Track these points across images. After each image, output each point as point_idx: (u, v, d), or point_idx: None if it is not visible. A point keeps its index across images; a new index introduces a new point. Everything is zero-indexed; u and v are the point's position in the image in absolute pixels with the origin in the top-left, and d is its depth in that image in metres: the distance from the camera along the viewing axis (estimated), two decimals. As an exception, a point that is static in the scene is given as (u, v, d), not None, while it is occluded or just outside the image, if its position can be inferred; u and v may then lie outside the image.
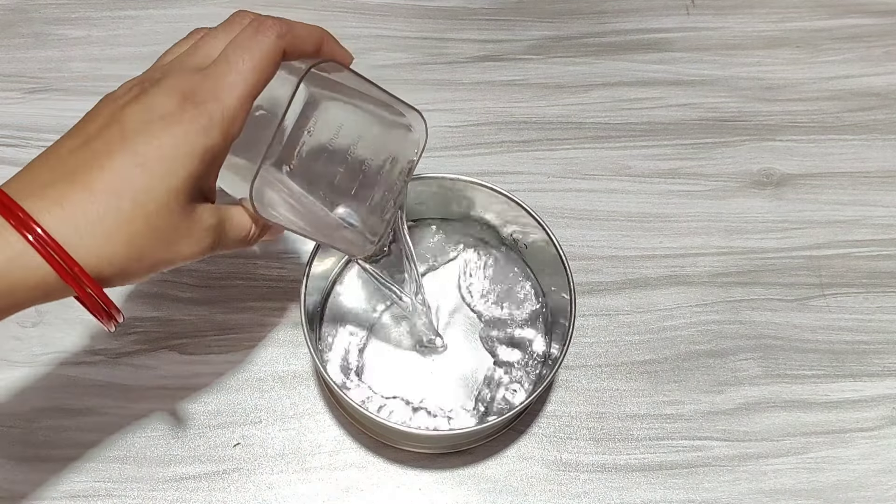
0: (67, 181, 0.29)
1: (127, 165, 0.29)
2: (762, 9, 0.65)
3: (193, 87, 0.31)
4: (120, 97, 0.32)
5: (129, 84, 0.33)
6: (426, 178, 0.46)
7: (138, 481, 0.45)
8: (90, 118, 0.32)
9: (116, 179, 0.29)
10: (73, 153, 0.30)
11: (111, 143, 0.30)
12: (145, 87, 0.31)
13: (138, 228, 0.30)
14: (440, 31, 0.62)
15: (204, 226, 0.33)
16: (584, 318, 0.51)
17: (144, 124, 0.30)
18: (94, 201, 0.29)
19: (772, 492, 0.46)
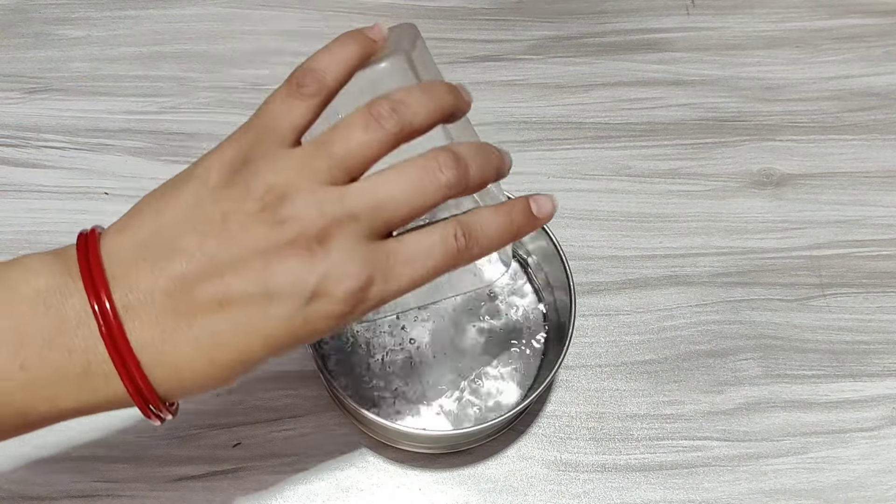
0: (179, 351, 0.27)
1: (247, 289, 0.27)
2: (762, 9, 0.65)
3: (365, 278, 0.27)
4: (233, 216, 0.27)
5: (250, 194, 0.27)
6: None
7: (138, 481, 0.45)
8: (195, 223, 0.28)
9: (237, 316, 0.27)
10: (172, 296, 0.27)
11: (209, 314, 0.27)
12: (268, 241, 0.27)
13: (238, 356, 0.28)
14: (440, 31, 0.62)
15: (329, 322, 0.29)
16: (584, 318, 0.51)
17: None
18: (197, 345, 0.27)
19: (772, 492, 0.46)
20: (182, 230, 0.27)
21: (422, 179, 0.28)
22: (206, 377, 0.28)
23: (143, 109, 0.57)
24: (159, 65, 0.59)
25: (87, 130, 0.56)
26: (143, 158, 0.55)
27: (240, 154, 0.28)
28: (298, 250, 0.26)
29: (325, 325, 0.28)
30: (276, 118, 0.29)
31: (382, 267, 0.28)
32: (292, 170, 0.27)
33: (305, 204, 0.27)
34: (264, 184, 0.27)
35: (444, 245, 0.29)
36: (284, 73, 0.62)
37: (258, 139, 0.28)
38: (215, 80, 0.59)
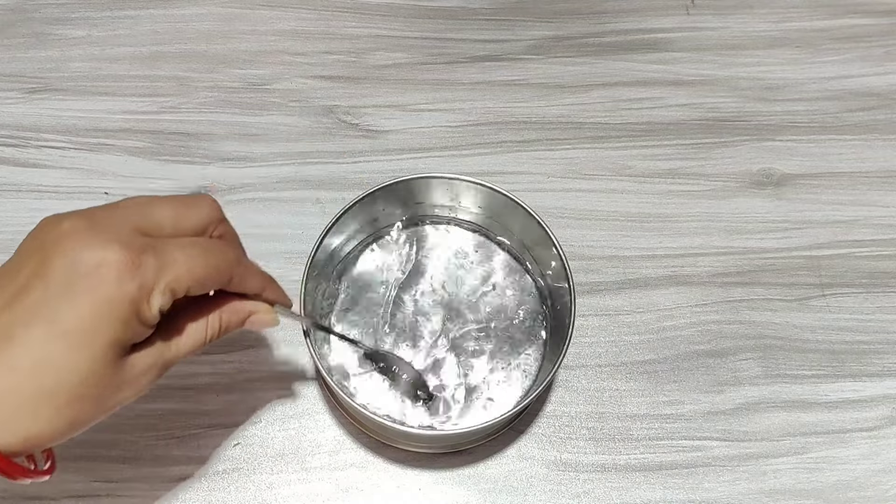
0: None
1: (47, 338, 0.28)
2: (762, 9, 0.65)
3: (131, 251, 0.29)
4: (56, 228, 0.30)
5: (74, 216, 0.31)
6: (426, 178, 0.46)
7: (138, 481, 0.45)
8: (23, 259, 0.30)
9: (36, 354, 0.28)
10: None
11: (34, 308, 0.29)
12: (79, 231, 0.30)
13: (63, 401, 0.29)
14: (440, 31, 0.62)
15: (140, 370, 0.31)
16: (584, 318, 0.51)
17: (67, 284, 0.29)
18: (16, 382, 0.28)
19: (772, 492, 0.46)
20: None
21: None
22: (38, 411, 0.29)
23: (143, 109, 0.57)
24: (159, 65, 0.59)
25: (87, 130, 0.56)
26: (143, 158, 0.55)
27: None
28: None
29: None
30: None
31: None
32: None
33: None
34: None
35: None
36: (284, 72, 0.63)
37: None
38: (215, 80, 0.59)
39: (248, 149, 0.56)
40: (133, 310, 0.30)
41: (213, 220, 0.34)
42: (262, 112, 0.58)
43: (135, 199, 0.33)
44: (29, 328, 0.28)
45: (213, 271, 0.32)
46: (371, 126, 0.58)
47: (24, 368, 0.28)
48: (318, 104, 0.58)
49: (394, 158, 0.56)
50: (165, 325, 0.33)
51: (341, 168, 0.56)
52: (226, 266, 0.33)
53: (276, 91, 0.59)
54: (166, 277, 0.30)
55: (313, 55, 0.61)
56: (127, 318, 0.29)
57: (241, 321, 0.36)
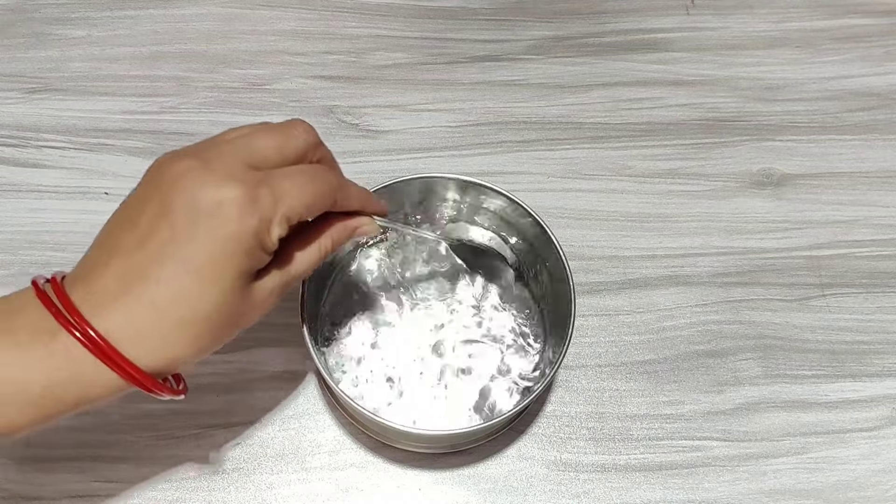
0: (132, 295, 0.30)
1: (179, 275, 0.30)
2: (762, 9, 0.65)
3: (248, 186, 0.31)
4: (171, 169, 0.32)
5: (185, 156, 0.32)
6: (427, 178, 0.46)
7: (138, 481, 0.45)
8: (144, 200, 0.32)
9: (171, 291, 0.30)
10: (129, 256, 0.31)
11: (164, 247, 0.31)
12: (195, 170, 0.31)
13: (200, 330, 0.31)
14: (440, 31, 0.62)
15: (266, 293, 0.34)
16: (584, 318, 0.51)
17: (192, 223, 0.30)
18: (157, 315, 0.30)
19: (772, 492, 0.46)
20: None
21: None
22: (179, 338, 0.31)
23: (143, 109, 0.57)
24: (159, 65, 0.59)
25: (87, 130, 0.56)
26: (143, 158, 0.55)
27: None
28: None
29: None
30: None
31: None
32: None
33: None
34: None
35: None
36: (284, 72, 0.63)
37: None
38: (215, 80, 0.59)
39: (248, 149, 0.56)
40: (256, 242, 0.31)
41: (310, 145, 0.35)
42: (262, 112, 0.58)
43: (238, 132, 0.35)
44: (163, 266, 0.30)
45: (320, 197, 0.34)
46: (371, 126, 0.58)
47: (164, 303, 0.30)
48: (318, 104, 0.58)
49: (394, 158, 0.56)
50: (281, 249, 0.34)
51: (341, 168, 0.55)
52: (330, 190, 0.35)
53: (276, 91, 0.59)
54: (282, 208, 0.32)
55: (313, 55, 0.61)
56: (250, 250, 0.31)
57: (350, 235, 0.38)
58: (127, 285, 0.30)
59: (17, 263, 0.51)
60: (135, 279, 0.30)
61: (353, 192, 0.37)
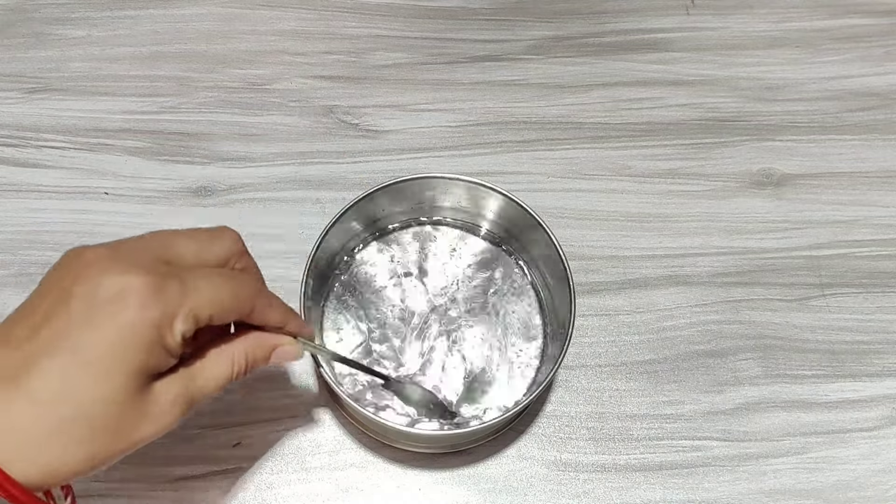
0: (11, 387, 0.28)
1: (68, 366, 0.28)
2: (762, 9, 0.65)
3: (154, 276, 0.29)
4: (78, 259, 0.30)
5: (97, 246, 0.31)
6: (427, 178, 0.46)
7: (138, 481, 0.45)
8: (45, 291, 0.30)
9: (57, 385, 0.28)
10: (19, 347, 0.29)
11: (56, 335, 0.28)
12: (102, 260, 0.30)
13: (85, 433, 0.28)
14: (440, 31, 0.62)
15: (166, 400, 0.31)
16: (584, 318, 0.51)
17: (90, 311, 0.28)
18: (36, 414, 0.28)
19: (772, 492, 0.46)
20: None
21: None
22: (61, 442, 0.28)
23: (143, 109, 0.57)
24: (159, 65, 0.59)
25: (87, 130, 0.56)
26: (143, 158, 0.55)
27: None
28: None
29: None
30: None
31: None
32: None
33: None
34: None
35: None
36: (284, 72, 0.63)
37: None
38: (215, 80, 0.59)
39: (248, 149, 0.56)
40: (156, 335, 0.29)
41: (234, 252, 0.34)
42: (262, 112, 0.58)
43: (158, 232, 0.33)
44: (51, 358, 0.28)
45: (235, 300, 0.32)
46: (371, 126, 0.58)
47: (45, 400, 0.28)
48: (318, 104, 0.58)
49: (394, 158, 0.56)
50: (190, 360, 0.32)
51: (341, 168, 0.56)
52: (247, 296, 0.33)
53: (276, 91, 0.59)
54: (189, 303, 0.30)
55: (313, 55, 0.61)
56: (150, 344, 0.29)
57: (267, 355, 0.35)
58: (9, 378, 0.28)
59: (17, 263, 0.51)
60: (18, 372, 0.28)
61: (275, 304, 0.35)
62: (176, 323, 0.30)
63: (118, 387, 0.29)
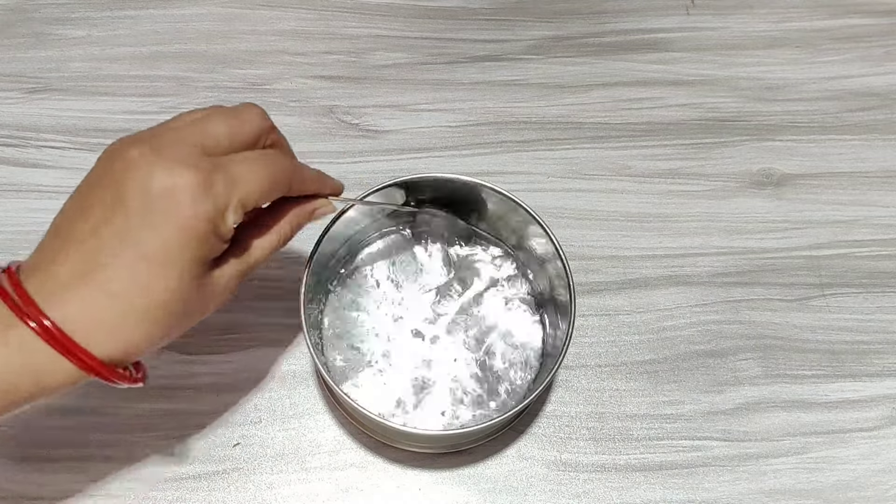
0: (85, 283, 0.30)
1: (134, 262, 0.30)
2: (762, 9, 0.65)
3: (202, 172, 0.31)
4: (122, 156, 0.32)
5: (136, 142, 0.32)
6: (427, 178, 0.46)
7: (138, 481, 0.45)
8: (96, 187, 0.32)
9: (127, 278, 0.30)
10: (84, 243, 0.31)
11: (118, 235, 0.30)
12: (146, 157, 0.31)
13: (156, 318, 0.31)
14: (440, 31, 0.62)
15: (224, 281, 0.34)
16: (584, 318, 0.51)
17: (146, 211, 0.30)
18: (113, 304, 0.30)
19: (772, 492, 0.46)
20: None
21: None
22: (135, 326, 0.31)
23: (143, 109, 0.57)
24: (159, 65, 0.59)
25: (87, 130, 0.56)
26: (143, 158, 0.55)
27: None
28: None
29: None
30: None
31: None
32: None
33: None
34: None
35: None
36: (284, 72, 0.63)
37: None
38: (215, 80, 0.59)
39: (248, 149, 0.56)
40: (210, 228, 0.31)
41: (263, 129, 0.35)
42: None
43: (190, 116, 0.34)
44: (117, 255, 0.30)
45: (276, 182, 0.34)
46: (371, 126, 0.58)
47: (119, 290, 0.30)
48: (318, 104, 0.58)
49: (394, 158, 0.56)
50: (238, 236, 0.34)
51: (341, 168, 0.56)
52: (285, 175, 0.35)
53: (276, 91, 0.59)
54: (237, 194, 0.32)
55: (313, 55, 0.61)
56: (205, 236, 0.31)
57: (308, 218, 0.38)
58: (82, 273, 0.30)
59: (17, 263, 0.51)
60: (90, 267, 0.30)
61: (308, 175, 0.37)
62: (227, 214, 0.32)
63: (181, 276, 0.31)
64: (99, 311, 0.30)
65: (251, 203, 0.33)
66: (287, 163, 0.36)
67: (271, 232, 0.36)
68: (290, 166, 0.36)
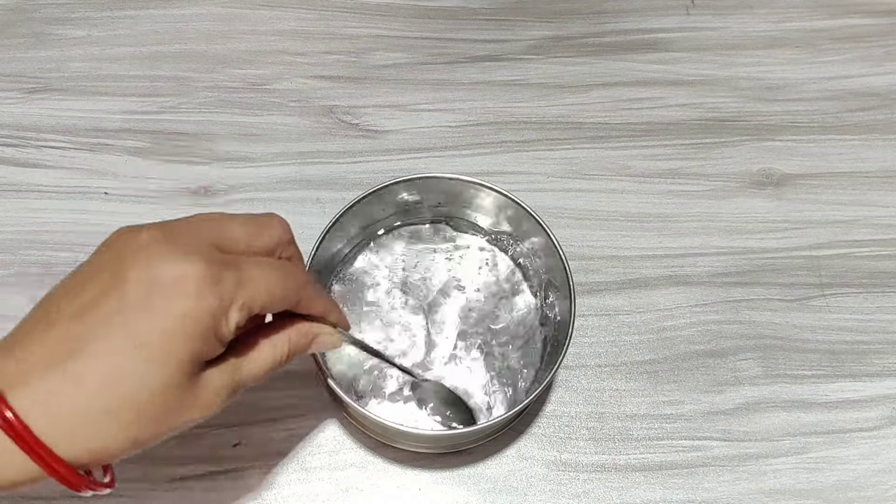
0: (60, 371, 0.27)
1: (121, 350, 0.28)
2: (762, 9, 0.65)
3: (212, 265, 0.29)
4: (132, 240, 0.30)
5: (149, 228, 0.30)
6: (427, 178, 0.46)
7: (138, 481, 0.45)
8: (95, 269, 0.30)
9: (107, 368, 0.28)
10: (68, 327, 0.28)
11: (107, 320, 0.28)
12: (158, 243, 0.29)
13: (132, 417, 0.28)
14: (440, 31, 0.62)
15: (213, 389, 0.31)
16: (584, 318, 0.51)
17: (145, 297, 0.28)
18: (85, 395, 0.27)
19: (772, 492, 0.46)
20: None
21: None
22: (107, 426, 0.28)
23: (143, 109, 0.57)
24: (159, 65, 0.59)
25: (87, 130, 0.56)
26: (143, 158, 0.55)
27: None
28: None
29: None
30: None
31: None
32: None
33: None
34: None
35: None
36: (284, 72, 0.63)
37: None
38: (215, 80, 0.59)
39: (248, 149, 0.56)
40: (211, 324, 0.29)
41: (283, 241, 0.34)
42: (262, 112, 0.58)
43: (209, 215, 0.33)
44: (101, 340, 0.28)
45: (285, 291, 0.32)
46: (371, 126, 0.58)
47: (95, 382, 0.27)
48: (318, 104, 0.58)
49: (394, 158, 0.56)
50: (235, 346, 0.32)
51: (341, 168, 0.56)
52: (295, 287, 0.33)
53: (276, 91, 0.59)
54: (244, 294, 0.30)
55: (313, 55, 0.61)
56: (205, 332, 0.29)
57: (308, 343, 0.36)
58: (56, 359, 0.27)
59: (17, 263, 0.51)
60: (66, 353, 0.27)
61: (318, 295, 0.35)
62: (231, 313, 0.30)
63: (170, 374, 0.29)
64: (68, 403, 0.27)
65: (257, 307, 0.31)
66: (300, 277, 0.34)
67: (267, 348, 0.34)
68: (302, 280, 0.34)
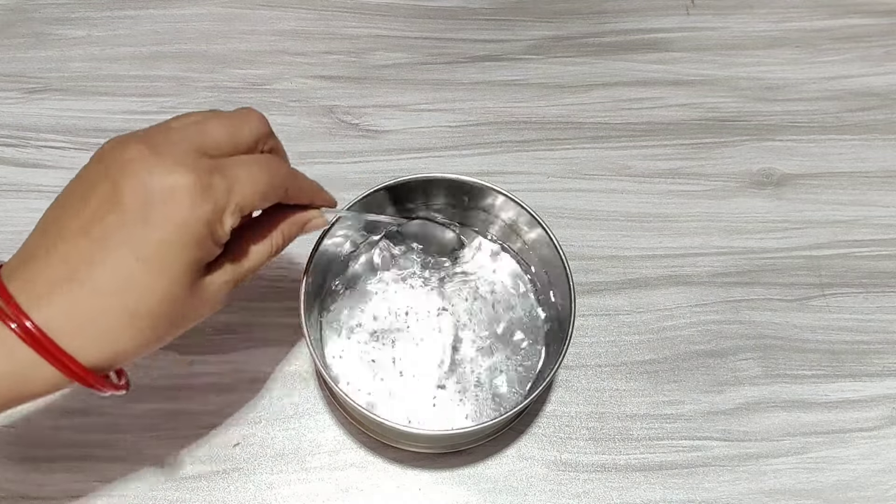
0: (75, 283, 0.29)
1: (127, 261, 0.29)
2: (762, 9, 0.65)
3: (201, 173, 0.30)
4: (120, 154, 0.31)
5: (134, 140, 0.31)
6: (427, 178, 0.46)
7: (138, 481, 0.45)
8: (90, 184, 0.31)
9: (118, 278, 0.29)
10: (72, 242, 0.30)
11: (112, 233, 0.30)
12: (144, 156, 0.30)
13: (145, 323, 0.30)
14: (440, 31, 0.62)
15: (215, 288, 0.33)
16: (584, 318, 0.51)
17: (142, 209, 0.29)
18: (101, 303, 0.29)
19: (772, 492, 0.46)
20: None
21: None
22: (122, 331, 0.30)
23: (143, 109, 0.57)
24: (159, 65, 0.59)
25: (87, 130, 0.56)
26: (143, 158, 0.55)
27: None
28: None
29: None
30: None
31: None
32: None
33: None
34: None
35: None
36: (284, 72, 0.63)
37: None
38: (215, 80, 0.59)
39: (248, 149, 0.56)
40: (207, 231, 0.31)
41: (262, 134, 0.35)
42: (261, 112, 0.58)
43: (188, 119, 0.34)
44: (110, 252, 0.29)
45: (273, 187, 0.34)
46: (371, 126, 0.58)
47: (109, 291, 0.29)
48: (318, 104, 0.58)
49: (394, 158, 0.56)
50: (231, 243, 0.34)
51: (341, 168, 0.56)
52: (282, 180, 0.35)
53: (276, 91, 0.59)
54: (235, 198, 0.31)
55: (313, 55, 0.61)
56: (202, 239, 0.31)
57: (300, 230, 0.38)
58: (70, 272, 0.29)
59: (17, 263, 0.51)
60: (79, 265, 0.29)
61: (304, 184, 0.37)
62: (225, 217, 0.31)
63: (174, 281, 0.30)
64: (85, 313, 0.29)
65: (249, 207, 0.32)
66: (285, 168, 0.35)
67: (264, 240, 0.36)
68: (287, 172, 0.35)
